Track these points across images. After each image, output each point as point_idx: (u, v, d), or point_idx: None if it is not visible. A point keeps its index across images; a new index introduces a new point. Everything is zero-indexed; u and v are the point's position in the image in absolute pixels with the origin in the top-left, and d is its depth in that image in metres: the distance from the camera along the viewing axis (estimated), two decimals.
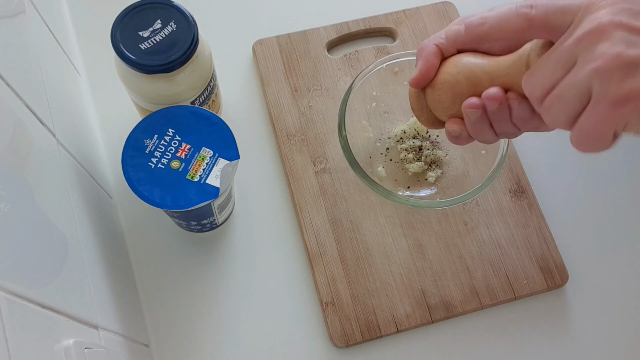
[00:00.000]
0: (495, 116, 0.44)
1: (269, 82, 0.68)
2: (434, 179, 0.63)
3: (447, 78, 0.46)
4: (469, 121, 0.46)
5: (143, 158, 0.50)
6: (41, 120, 0.46)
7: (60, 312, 0.38)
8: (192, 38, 0.52)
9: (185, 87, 0.54)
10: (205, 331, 0.59)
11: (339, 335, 0.58)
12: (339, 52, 0.70)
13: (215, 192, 0.50)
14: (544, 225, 0.63)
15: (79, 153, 0.55)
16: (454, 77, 0.46)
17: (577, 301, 0.62)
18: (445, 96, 0.47)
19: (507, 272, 0.61)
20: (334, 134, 0.65)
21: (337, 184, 0.64)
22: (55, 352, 0.35)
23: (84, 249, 0.47)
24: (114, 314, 0.50)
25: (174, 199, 0.49)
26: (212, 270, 0.61)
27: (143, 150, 0.50)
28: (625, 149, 0.68)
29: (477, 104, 0.44)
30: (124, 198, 0.63)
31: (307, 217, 0.62)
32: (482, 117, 0.45)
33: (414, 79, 0.48)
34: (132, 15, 0.52)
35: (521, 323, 0.61)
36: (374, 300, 0.59)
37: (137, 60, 0.51)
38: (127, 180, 0.49)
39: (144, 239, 0.62)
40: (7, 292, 0.31)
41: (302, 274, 0.61)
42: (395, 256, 0.61)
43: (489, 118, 0.45)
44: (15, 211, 0.36)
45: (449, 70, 0.46)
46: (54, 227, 0.42)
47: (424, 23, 0.71)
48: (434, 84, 0.48)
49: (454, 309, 0.59)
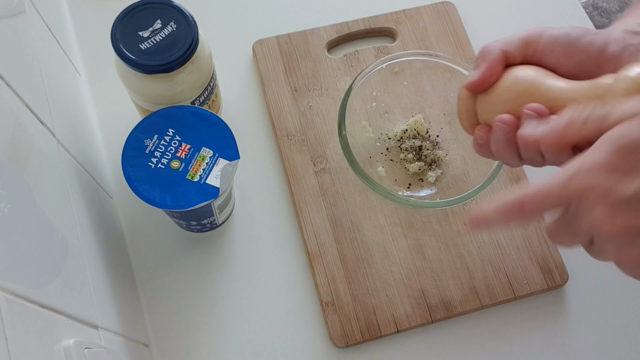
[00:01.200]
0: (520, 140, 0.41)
1: (269, 82, 0.68)
2: (434, 179, 0.63)
3: (507, 88, 0.44)
4: (494, 136, 0.43)
5: (143, 158, 0.50)
6: (41, 120, 0.46)
7: (60, 312, 0.38)
8: (192, 38, 0.52)
9: (185, 87, 0.54)
10: (205, 331, 0.59)
11: (339, 335, 0.58)
12: (339, 52, 0.70)
13: (215, 192, 0.50)
14: (544, 225, 0.63)
15: (79, 153, 0.55)
16: (515, 89, 0.43)
17: (577, 301, 0.62)
18: (499, 107, 0.44)
19: (507, 272, 0.61)
20: (334, 134, 0.65)
21: (337, 184, 0.64)
22: (55, 352, 0.35)
23: (84, 249, 0.47)
24: (114, 314, 0.50)
25: (174, 199, 0.49)
26: (212, 270, 0.61)
27: (143, 150, 0.50)
28: None
29: (507, 120, 0.42)
30: (124, 198, 0.63)
31: (307, 217, 0.62)
32: (507, 137, 0.42)
33: (472, 82, 0.45)
34: (132, 15, 0.52)
35: (521, 323, 0.61)
36: (374, 300, 0.59)
37: (136, 60, 0.51)
38: (127, 180, 0.49)
39: (144, 239, 0.62)
40: (7, 292, 0.31)
41: (302, 274, 0.61)
42: (395, 256, 0.61)
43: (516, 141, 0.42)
44: (15, 211, 0.36)
45: (511, 82, 0.44)
46: (54, 227, 0.42)
47: (424, 23, 0.71)
48: (490, 91, 0.45)
49: (454, 309, 0.59)
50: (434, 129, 0.65)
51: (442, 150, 0.64)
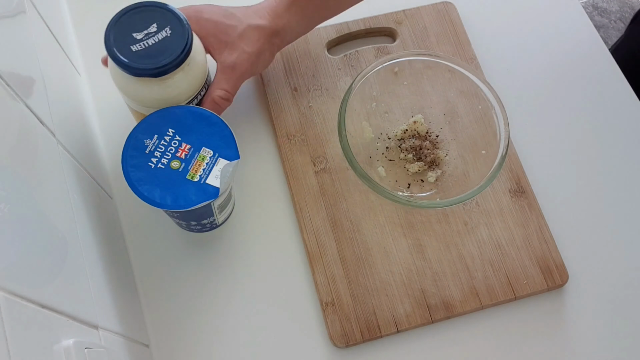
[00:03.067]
0: None
1: (269, 82, 0.68)
2: (434, 179, 0.63)
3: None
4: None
5: (143, 158, 0.50)
6: (41, 120, 0.46)
7: (60, 312, 0.38)
8: (184, 45, 0.51)
9: (180, 90, 0.53)
10: (205, 331, 0.59)
11: (339, 335, 0.58)
12: (339, 52, 0.70)
13: (215, 192, 0.50)
14: (543, 225, 0.63)
15: (79, 153, 0.55)
16: None
17: (577, 301, 0.62)
18: None
19: (507, 272, 0.61)
20: (334, 134, 0.65)
21: (337, 184, 0.64)
22: (55, 352, 0.35)
23: (84, 249, 0.47)
24: (114, 314, 0.50)
25: (174, 199, 0.49)
26: (212, 271, 0.61)
27: (143, 150, 0.50)
28: (625, 149, 0.68)
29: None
30: (124, 198, 0.63)
31: (307, 217, 0.62)
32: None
33: None
34: (129, 17, 0.51)
35: (521, 323, 0.61)
36: (374, 300, 0.59)
37: (126, 61, 0.50)
38: (127, 180, 0.49)
39: (144, 239, 0.62)
40: (7, 292, 0.31)
41: (302, 274, 0.61)
42: (395, 256, 0.61)
43: None
44: (15, 211, 0.36)
45: None
46: (54, 227, 0.42)
47: (424, 23, 0.71)
48: None
49: (454, 309, 0.59)
50: (434, 129, 0.65)
51: (442, 150, 0.64)
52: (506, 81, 0.71)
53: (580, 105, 0.71)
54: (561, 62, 0.73)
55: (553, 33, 0.75)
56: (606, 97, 0.71)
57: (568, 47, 0.74)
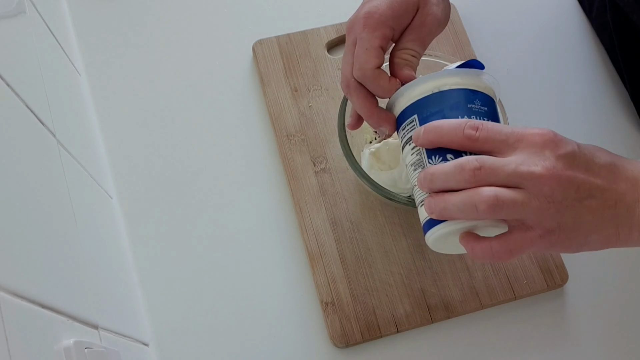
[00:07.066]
0: None
1: (269, 82, 0.68)
2: None
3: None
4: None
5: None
6: (41, 120, 0.46)
7: (60, 312, 0.38)
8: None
9: None
10: (205, 331, 0.59)
11: (339, 335, 0.58)
12: (339, 52, 0.70)
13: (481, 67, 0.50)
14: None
15: (79, 153, 0.55)
16: None
17: (577, 301, 0.62)
18: None
19: (507, 272, 0.61)
20: (334, 134, 0.65)
21: (337, 184, 0.64)
22: (55, 352, 0.35)
23: (84, 248, 0.47)
24: (114, 314, 0.50)
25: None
26: (212, 270, 0.61)
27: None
28: (625, 149, 0.68)
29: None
30: (124, 198, 0.63)
31: (307, 217, 0.62)
32: None
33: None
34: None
35: (521, 323, 0.61)
36: (374, 300, 0.59)
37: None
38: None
39: (143, 239, 0.62)
40: (7, 292, 0.31)
41: (302, 274, 0.61)
42: (395, 256, 0.61)
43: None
44: (15, 211, 0.36)
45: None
46: (53, 227, 0.42)
47: None
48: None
49: (454, 309, 0.59)
50: None
51: None
52: (506, 81, 0.71)
53: (581, 106, 0.71)
54: (561, 63, 0.73)
55: (553, 33, 0.75)
56: (606, 97, 0.71)
57: (568, 48, 0.74)
